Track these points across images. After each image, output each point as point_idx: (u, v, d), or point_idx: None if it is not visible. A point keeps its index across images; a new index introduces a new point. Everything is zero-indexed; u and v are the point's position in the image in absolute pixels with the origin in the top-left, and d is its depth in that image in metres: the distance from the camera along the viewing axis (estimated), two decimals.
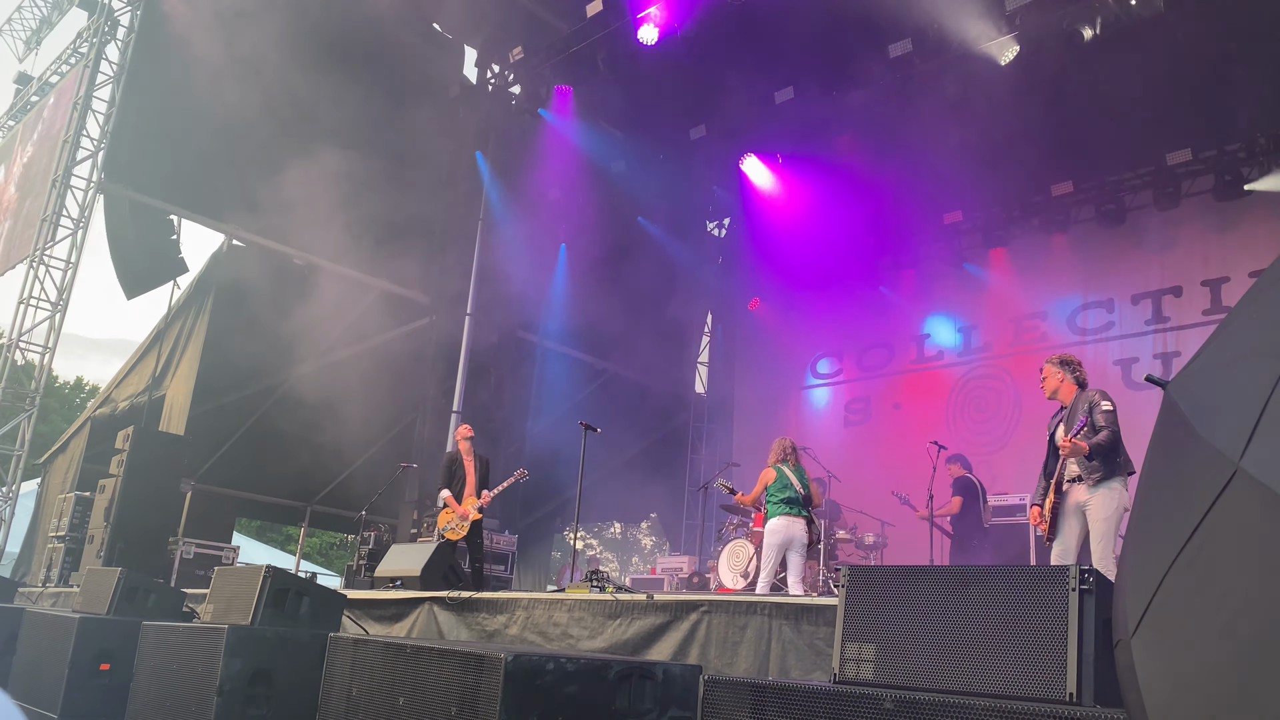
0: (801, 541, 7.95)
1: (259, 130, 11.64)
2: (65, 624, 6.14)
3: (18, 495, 12.06)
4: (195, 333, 12.32)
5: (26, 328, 12.01)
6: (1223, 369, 1.81)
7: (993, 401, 14.25)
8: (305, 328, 12.66)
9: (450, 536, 9.25)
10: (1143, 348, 12.75)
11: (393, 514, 13.40)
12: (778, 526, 7.93)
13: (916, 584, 3.07)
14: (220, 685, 4.67)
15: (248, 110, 11.33)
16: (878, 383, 15.96)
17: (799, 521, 7.95)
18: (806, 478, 8.21)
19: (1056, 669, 2.60)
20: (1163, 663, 1.57)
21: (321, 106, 12.10)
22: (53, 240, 12.03)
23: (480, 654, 3.40)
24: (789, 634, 4.66)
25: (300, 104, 11.79)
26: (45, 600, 9.90)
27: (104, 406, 13.63)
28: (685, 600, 5.30)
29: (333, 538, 32.73)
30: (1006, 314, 14.39)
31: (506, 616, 6.13)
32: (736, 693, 3.07)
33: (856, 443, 15.48)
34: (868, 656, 3.05)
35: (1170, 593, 1.59)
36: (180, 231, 12.01)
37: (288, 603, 5.30)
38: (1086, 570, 2.67)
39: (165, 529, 10.99)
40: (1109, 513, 5.70)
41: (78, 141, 12.21)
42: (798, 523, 7.95)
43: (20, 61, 16.17)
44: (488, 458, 9.81)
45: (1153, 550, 1.74)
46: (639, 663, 3.71)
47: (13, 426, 12.03)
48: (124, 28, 12.44)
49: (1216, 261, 12.45)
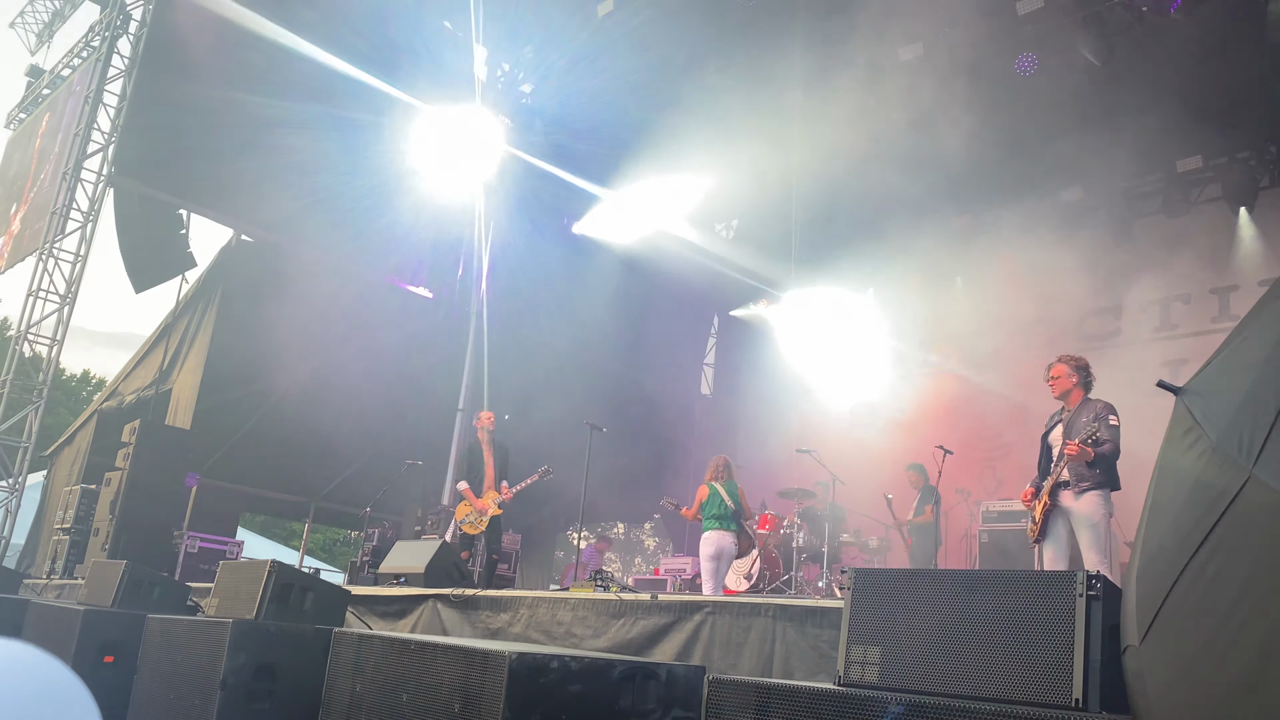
0: (731, 553, 8.74)
1: (269, 126, 11.66)
2: (70, 616, 6.15)
3: (24, 487, 12.09)
4: (203, 327, 12.34)
5: (35, 320, 12.05)
6: (1235, 376, 1.80)
7: (998, 407, 14.21)
8: (312, 323, 12.68)
9: (468, 531, 9.14)
10: (1151, 355, 12.70)
11: (397, 510, 13.42)
12: (708, 539, 8.68)
13: (922, 587, 3.07)
14: (224, 679, 4.68)
15: (258, 106, 11.35)
16: (884, 387, 15.92)
17: (728, 535, 8.69)
18: (738, 493, 8.90)
19: (1063, 674, 2.59)
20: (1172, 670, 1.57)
21: (333, 102, 12.12)
22: (62, 233, 12.07)
23: (484, 651, 3.40)
24: (793, 636, 4.66)
25: (312, 100, 11.81)
26: (50, 592, 9.93)
27: (111, 400, 13.66)
28: (689, 601, 5.30)
29: (336, 534, 32.79)
30: (1012, 319, 14.34)
31: (510, 615, 6.13)
32: (741, 694, 3.06)
33: (861, 446, 15.44)
34: (872, 659, 3.04)
35: (1180, 600, 1.58)
36: (189, 226, 12.04)
37: (292, 598, 5.30)
38: (1094, 576, 2.66)
39: (170, 523, 11.02)
40: (1098, 518, 5.75)
41: (88, 135, 12.24)
42: (727, 536, 8.68)
43: (32, 55, 16.22)
44: (507, 445, 9.65)
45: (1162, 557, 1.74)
46: (643, 663, 3.70)
47: (20, 418, 12.06)
48: (136, 22, 12.47)
49: (1226, 270, 12.41)
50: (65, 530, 11.18)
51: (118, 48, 12.51)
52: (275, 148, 11.48)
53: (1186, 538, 1.61)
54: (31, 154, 14.79)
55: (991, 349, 14.68)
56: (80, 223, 12.12)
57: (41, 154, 14.17)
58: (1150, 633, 1.65)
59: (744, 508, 8.91)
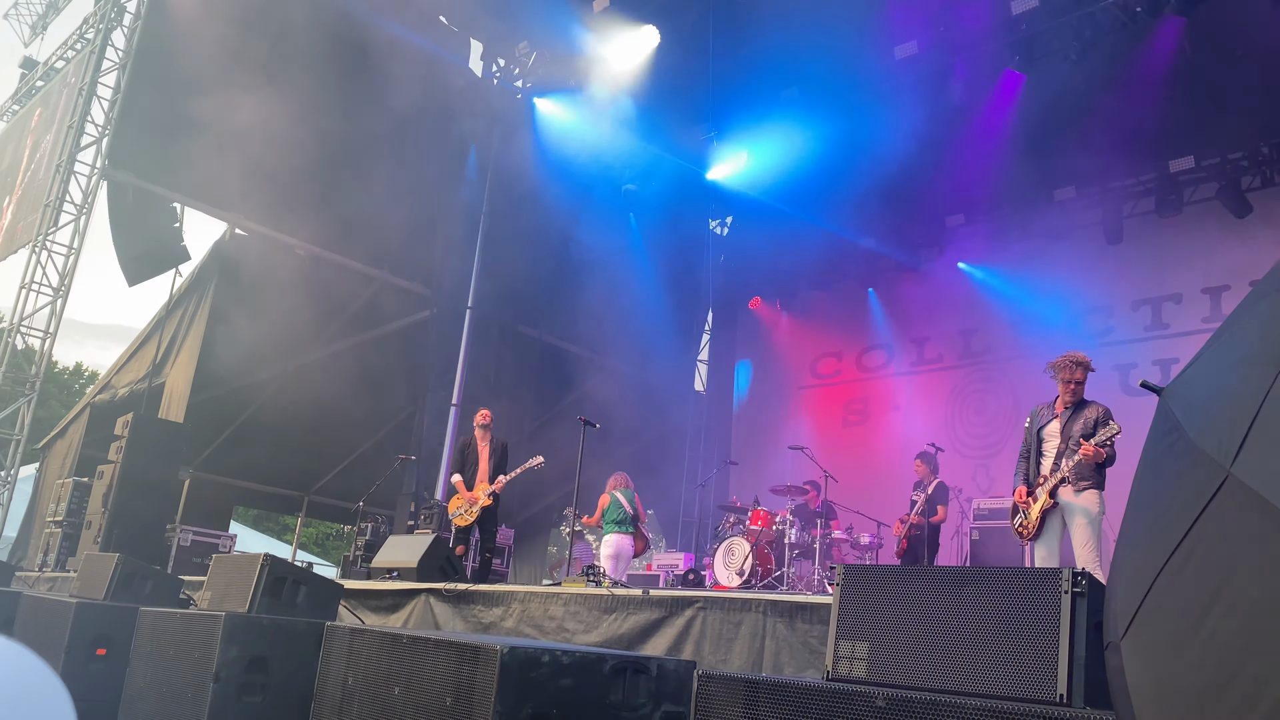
0: (629, 554, 9.85)
1: (263, 120, 11.63)
2: (62, 609, 6.15)
3: (16, 479, 12.07)
4: (196, 321, 12.32)
5: (28, 313, 12.03)
6: (1217, 375, 1.83)
7: (991, 405, 14.27)
8: (306, 318, 12.68)
9: (459, 523, 9.12)
10: (1141, 354, 12.76)
11: (390, 505, 13.42)
12: (609, 541, 9.71)
13: (911, 584, 3.09)
14: (216, 672, 4.69)
15: (252, 100, 11.32)
16: (877, 384, 15.98)
17: (626, 538, 9.78)
18: (634, 499, 10.03)
19: (1047, 670, 2.62)
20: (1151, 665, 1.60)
21: (326, 97, 12.10)
22: (55, 225, 12.04)
23: (476, 645, 3.42)
24: (783, 631, 4.69)
25: (305, 94, 11.79)
26: (42, 585, 9.92)
27: (104, 393, 13.64)
28: (680, 596, 5.32)
29: (329, 528, 32.76)
30: (1006, 318, 14.41)
31: (503, 609, 6.16)
32: (730, 688, 3.09)
33: (854, 444, 15.50)
34: (861, 655, 3.07)
35: (1160, 596, 1.61)
36: (183, 219, 12.01)
37: (285, 591, 5.32)
38: (1079, 573, 2.70)
39: (163, 516, 11.01)
40: (1092, 516, 5.83)
41: (82, 127, 12.21)
42: (625, 539, 9.77)
43: (26, 46, 16.19)
44: (506, 442, 9.59)
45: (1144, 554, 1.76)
46: (634, 657, 3.72)
47: (12, 411, 12.04)
48: (130, 14, 12.44)
49: (1217, 270, 12.47)
50: (57, 523, 11.17)
51: (112, 40, 12.48)
52: (270, 142, 11.45)
53: (1166, 536, 1.64)
54: (24, 146, 14.74)
55: (984, 347, 14.75)
56: (73, 215, 12.10)
57: (34, 146, 14.13)
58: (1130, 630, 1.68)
59: (639, 512, 10.01)
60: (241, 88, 11.28)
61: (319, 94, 11.99)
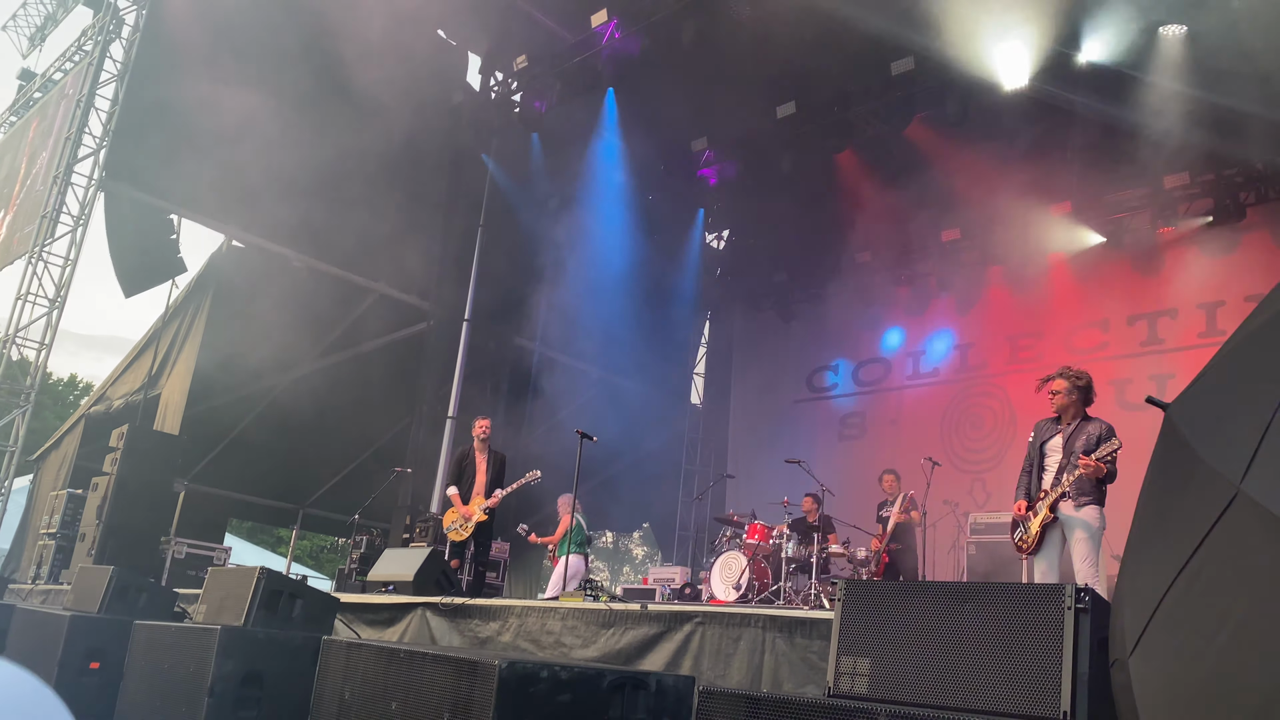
0: (583, 574, 10.29)
1: (261, 132, 11.64)
2: (55, 622, 6.10)
3: (10, 491, 12.01)
4: (192, 333, 12.29)
5: (23, 324, 11.99)
6: (1224, 392, 1.83)
7: (988, 419, 14.29)
8: (302, 330, 12.65)
9: (453, 537, 9.05)
10: (1137, 369, 12.78)
11: (385, 518, 13.37)
12: (576, 562, 10.03)
13: (912, 599, 3.08)
14: (211, 686, 4.66)
15: (250, 112, 11.33)
16: (874, 398, 15.99)
17: (582, 559, 10.46)
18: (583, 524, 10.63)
19: (1051, 687, 2.61)
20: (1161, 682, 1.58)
21: (323, 110, 12.11)
22: (52, 236, 12.01)
23: (474, 660, 3.40)
24: (782, 647, 4.67)
25: (303, 107, 11.80)
26: (35, 597, 9.87)
27: (99, 404, 13.60)
28: (679, 611, 5.30)
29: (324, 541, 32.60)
30: (1003, 332, 14.43)
31: (499, 623, 6.12)
32: (731, 704, 3.07)
33: (851, 457, 15.49)
34: (862, 671, 3.06)
35: (1169, 613, 1.60)
36: (180, 231, 11.99)
37: (281, 605, 5.29)
38: (1082, 589, 2.69)
39: (158, 528, 10.96)
40: (1092, 531, 5.83)
41: (79, 139, 12.20)
42: (582, 560, 10.44)
43: (24, 58, 16.18)
44: (504, 455, 9.47)
45: (1151, 571, 1.75)
46: (632, 673, 3.71)
47: (7, 422, 11.99)
48: (129, 27, 12.45)
49: (1213, 285, 12.51)
50: (51, 535, 11.11)
51: (110, 52, 12.48)
52: (267, 154, 11.46)
53: (1174, 553, 1.63)
54: (21, 158, 14.73)
55: (981, 361, 14.77)
56: (70, 227, 12.07)
57: (32, 158, 14.12)
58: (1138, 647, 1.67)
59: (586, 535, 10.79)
60: (239, 101, 11.29)
61: (316, 107, 12.00)
